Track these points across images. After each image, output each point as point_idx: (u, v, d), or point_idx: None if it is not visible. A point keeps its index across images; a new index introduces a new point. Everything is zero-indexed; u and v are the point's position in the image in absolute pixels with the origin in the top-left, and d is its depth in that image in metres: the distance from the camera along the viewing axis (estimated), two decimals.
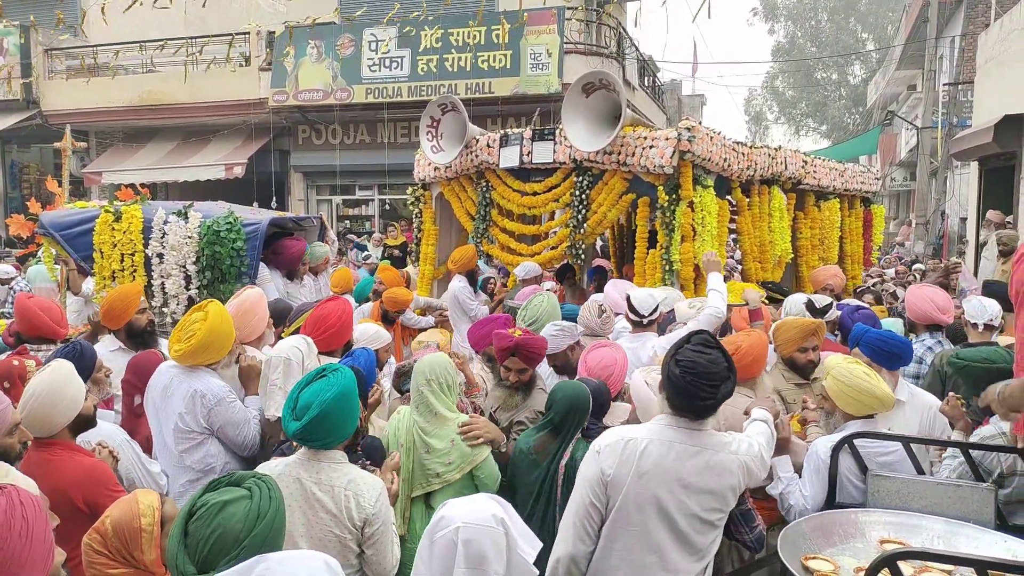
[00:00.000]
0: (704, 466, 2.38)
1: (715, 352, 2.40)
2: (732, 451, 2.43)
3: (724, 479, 2.39)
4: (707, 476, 2.38)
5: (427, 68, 13.60)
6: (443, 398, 3.22)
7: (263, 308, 3.92)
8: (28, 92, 15.88)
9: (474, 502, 1.80)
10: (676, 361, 2.39)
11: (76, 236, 5.70)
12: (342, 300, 4.05)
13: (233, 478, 1.83)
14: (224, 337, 3.34)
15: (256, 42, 14.90)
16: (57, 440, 2.70)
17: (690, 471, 2.38)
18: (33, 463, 2.61)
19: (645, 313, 4.45)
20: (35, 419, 2.63)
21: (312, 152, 15.68)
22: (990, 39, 12.86)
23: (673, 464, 2.38)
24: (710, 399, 2.35)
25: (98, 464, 2.73)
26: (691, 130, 5.46)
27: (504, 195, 6.53)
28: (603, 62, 13.36)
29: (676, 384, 2.38)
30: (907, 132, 23.56)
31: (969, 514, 2.60)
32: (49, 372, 2.69)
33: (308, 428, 2.42)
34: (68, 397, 2.69)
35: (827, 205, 7.54)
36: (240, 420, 3.33)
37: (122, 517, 1.92)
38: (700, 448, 2.40)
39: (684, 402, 2.39)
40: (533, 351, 3.51)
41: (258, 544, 1.69)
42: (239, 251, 5.42)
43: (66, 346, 3.35)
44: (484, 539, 1.71)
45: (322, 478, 2.45)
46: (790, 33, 41.06)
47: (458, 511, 1.75)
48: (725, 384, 2.36)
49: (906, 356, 3.52)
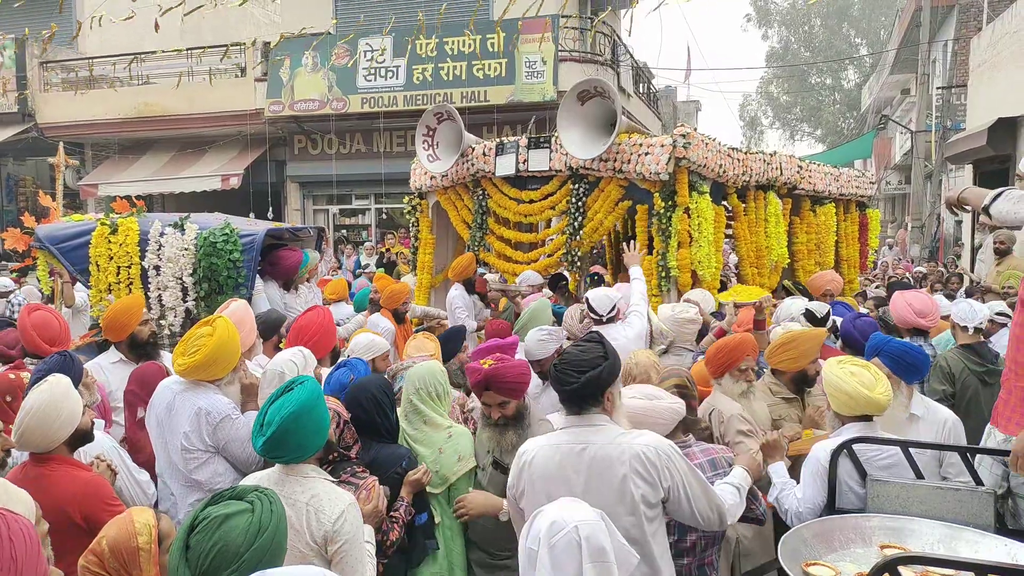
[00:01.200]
0: (589, 461, 2.34)
1: (592, 344, 2.46)
2: (622, 441, 2.35)
3: (614, 470, 2.32)
4: (594, 471, 2.33)
5: (422, 77, 13.64)
6: (433, 406, 3.21)
7: (250, 320, 3.88)
8: (23, 105, 15.88)
9: (573, 503, 1.90)
10: (559, 358, 2.49)
11: (72, 249, 5.68)
12: (322, 309, 4.06)
13: (235, 491, 1.83)
14: (231, 354, 3.30)
15: (252, 53, 14.93)
16: (55, 455, 2.68)
17: (576, 469, 2.35)
18: (30, 478, 2.59)
19: (603, 313, 4.65)
20: (32, 434, 2.61)
21: (308, 162, 15.69)
22: (982, 43, 12.93)
23: (557, 468, 2.38)
24: (574, 383, 2.35)
25: (96, 479, 2.71)
26: (686, 136, 5.48)
27: (500, 203, 6.54)
28: (598, 69, 13.41)
29: (552, 377, 2.45)
30: (901, 136, 23.66)
31: (969, 518, 2.60)
32: (46, 388, 2.67)
33: (269, 444, 2.40)
34: (66, 412, 2.67)
35: (823, 210, 7.56)
36: (245, 437, 3.28)
37: (119, 537, 1.90)
38: (586, 444, 2.36)
39: (559, 392, 2.42)
40: (507, 382, 3.11)
41: (259, 557, 1.69)
42: (236, 262, 5.40)
43: (53, 356, 3.33)
44: (599, 533, 1.81)
45: (287, 492, 2.41)
46: (784, 39, 41.24)
47: (566, 513, 1.83)
48: (593, 371, 2.36)
49: (924, 369, 3.47)
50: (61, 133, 15.68)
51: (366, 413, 3.07)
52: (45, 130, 15.97)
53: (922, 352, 3.48)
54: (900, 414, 3.36)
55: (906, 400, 3.39)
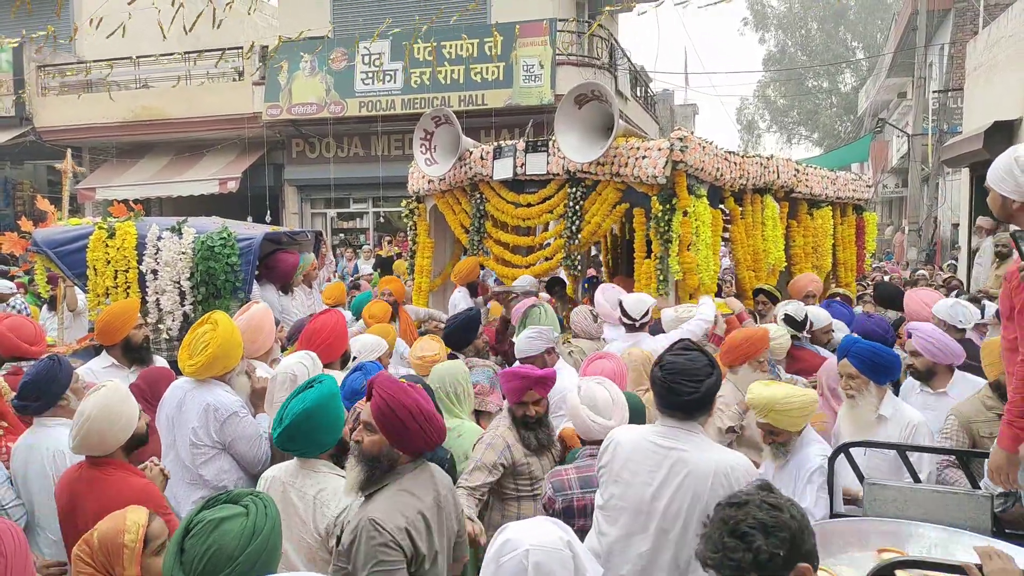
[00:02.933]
0: (672, 464, 2.40)
1: (695, 353, 2.49)
2: (711, 456, 2.41)
3: (693, 481, 2.37)
4: (674, 475, 2.39)
5: (420, 81, 13.65)
6: (448, 406, 3.30)
7: (270, 323, 4.00)
8: (21, 108, 15.86)
9: (538, 525, 1.78)
10: (659, 366, 2.48)
11: (69, 253, 5.68)
12: (336, 312, 4.07)
13: (231, 495, 1.84)
14: (235, 346, 3.42)
15: (250, 56, 14.93)
16: (111, 459, 2.72)
17: (656, 466, 2.42)
18: (86, 481, 2.66)
19: (637, 317, 4.75)
20: (91, 439, 2.65)
21: (306, 166, 15.69)
22: (978, 47, 12.97)
23: (642, 457, 2.43)
24: (694, 392, 2.39)
25: (149, 485, 2.75)
26: (683, 140, 5.49)
27: (498, 207, 6.54)
28: (595, 73, 13.42)
29: (660, 385, 2.46)
30: (898, 139, 23.70)
31: (966, 521, 2.60)
32: (104, 394, 2.70)
33: (283, 436, 2.54)
34: (124, 417, 2.72)
35: (820, 213, 7.57)
36: (252, 435, 3.34)
37: (108, 532, 1.96)
38: (675, 447, 2.42)
39: (672, 402, 2.44)
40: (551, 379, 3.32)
41: (253, 561, 1.69)
42: (233, 266, 5.40)
43: (43, 361, 3.32)
44: (553, 562, 1.67)
45: (298, 484, 2.56)
46: (781, 42, 41.33)
47: (524, 534, 1.72)
48: (710, 379, 2.42)
49: (894, 370, 3.46)
50: (58, 137, 15.68)
51: None
52: (43, 134, 15.95)
53: (891, 353, 3.47)
54: (869, 415, 3.35)
55: (876, 401, 3.37)
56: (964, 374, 3.82)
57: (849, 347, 3.48)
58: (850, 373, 3.41)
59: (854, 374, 3.39)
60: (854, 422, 3.37)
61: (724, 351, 3.97)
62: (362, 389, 3.30)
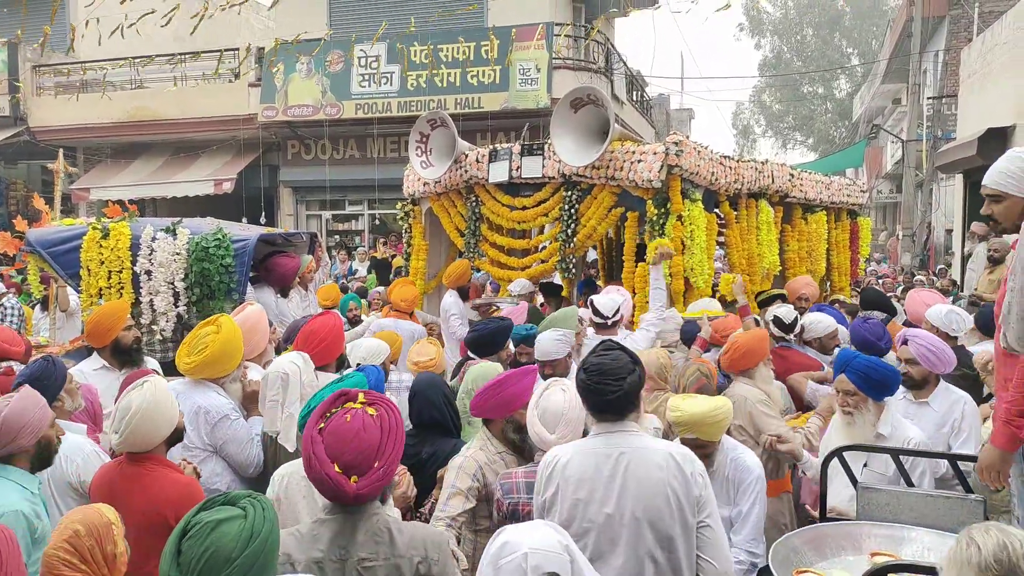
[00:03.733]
0: (627, 465, 2.32)
1: (617, 351, 2.45)
2: (657, 446, 2.39)
3: (652, 473, 2.30)
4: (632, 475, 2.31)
5: (416, 83, 13.65)
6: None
7: (264, 325, 3.99)
8: (15, 108, 15.81)
9: (537, 528, 1.75)
10: (583, 369, 2.43)
11: (63, 253, 5.65)
12: (332, 314, 4.07)
13: (228, 497, 1.83)
14: (235, 351, 3.42)
15: (245, 58, 14.91)
16: (152, 455, 2.71)
17: (612, 474, 2.32)
18: (127, 477, 2.66)
19: (608, 315, 4.86)
20: (136, 435, 2.65)
21: (301, 167, 15.67)
22: (973, 54, 13.04)
23: (594, 472, 2.33)
24: (618, 391, 2.34)
25: (192, 482, 2.76)
26: (679, 144, 5.50)
27: (494, 210, 6.55)
28: (591, 77, 13.44)
29: (584, 387, 2.40)
30: (893, 145, 23.81)
31: (959, 525, 2.61)
32: (147, 390, 2.70)
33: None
34: (168, 413, 2.73)
35: (814, 218, 7.60)
36: (243, 438, 3.33)
37: (88, 517, 2.00)
38: (622, 449, 2.35)
39: (597, 403, 2.39)
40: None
41: (251, 564, 1.68)
42: (228, 267, 5.39)
43: (38, 361, 3.32)
44: (552, 564, 1.66)
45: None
46: (776, 48, 41.46)
47: (523, 537, 1.70)
48: (632, 375, 2.37)
49: (893, 386, 3.34)
50: (53, 137, 15.62)
51: (439, 411, 3.30)
52: (37, 134, 15.90)
53: (889, 369, 3.33)
54: (867, 432, 3.23)
55: (874, 419, 3.25)
56: (948, 385, 3.69)
57: (847, 362, 3.35)
58: (847, 389, 3.30)
59: (852, 390, 3.28)
60: (852, 440, 3.22)
61: (735, 359, 3.94)
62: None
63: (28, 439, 2.58)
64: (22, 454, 2.60)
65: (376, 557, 1.95)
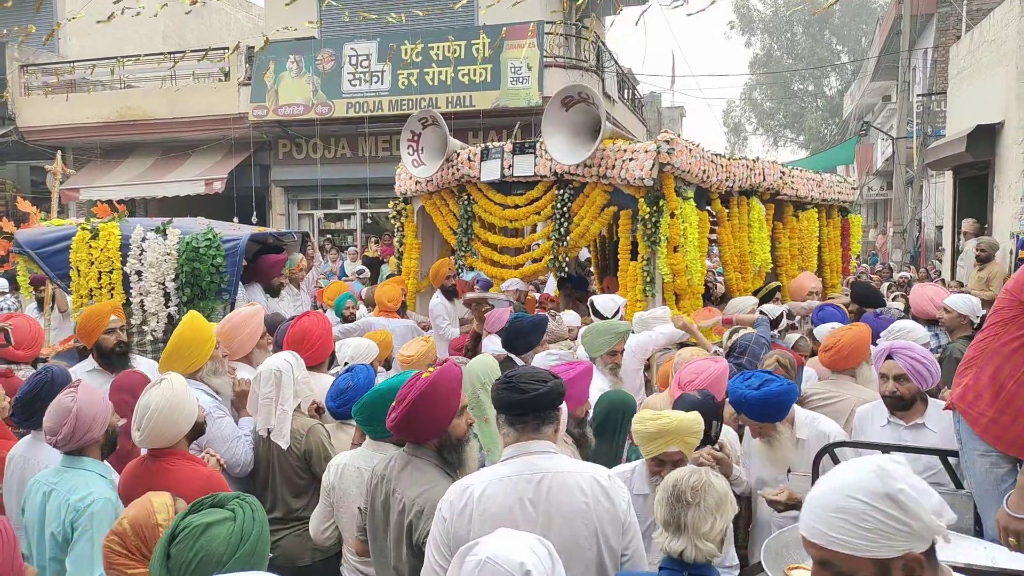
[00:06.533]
0: (548, 490, 2.15)
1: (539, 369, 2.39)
2: (580, 468, 2.23)
3: (575, 497, 2.14)
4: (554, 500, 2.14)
5: (407, 82, 13.62)
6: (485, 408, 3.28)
7: (253, 326, 3.92)
8: (3, 108, 15.69)
9: (517, 541, 1.68)
10: (498, 379, 2.34)
11: (52, 254, 5.60)
12: (319, 314, 4.05)
13: (216, 499, 1.82)
14: (198, 343, 3.43)
15: (236, 57, 14.85)
16: (174, 450, 2.74)
17: (534, 500, 2.15)
18: (151, 472, 2.67)
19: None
20: (157, 431, 2.68)
21: (293, 167, 15.62)
22: (961, 51, 13.10)
23: (515, 502, 2.13)
24: (537, 390, 2.21)
25: (215, 474, 2.79)
26: (670, 142, 5.51)
27: (486, 208, 6.54)
28: (583, 75, 13.44)
29: (500, 389, 2.26)
30: (883, 142, 23.88)
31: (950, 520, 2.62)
32: (166, 386, 2.73)
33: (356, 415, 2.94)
34: (188, 408, 2.76)
35: (805, 215, 7.63)
36: (228, 436, 3.30)
37: (139, 516, 2.00)
38: (542, 472, 2.17)
39: (514, 406, 2.23)
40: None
41: (241, 566, 1.68)
42: (219, 267, 5.37)
43: (37, 375, 3.26)
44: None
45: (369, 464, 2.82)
46: (767, 46, 41.57)
47: (494, 545, 1.66)
48: (554, 380, 2.27)
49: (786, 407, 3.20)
50: (41, 137, 15.52)
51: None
52: (25, 133, 15.78)
53: (778, 394, 3.13)
54: (788, 445, 3.22)
55: (789, 431, 3.23)
56: (936, 401, 3.36)
57: (740, 405, 3.20)
58: (751, 425, 3.26)
59: (755, 425, 3.22)
60: (774, 463, 3.23)
61: (842, 356, 3.84)
62: (348, 389, 3.29)
63: (99, 430, 2.71)
64: (94, 445, 2.71)
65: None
